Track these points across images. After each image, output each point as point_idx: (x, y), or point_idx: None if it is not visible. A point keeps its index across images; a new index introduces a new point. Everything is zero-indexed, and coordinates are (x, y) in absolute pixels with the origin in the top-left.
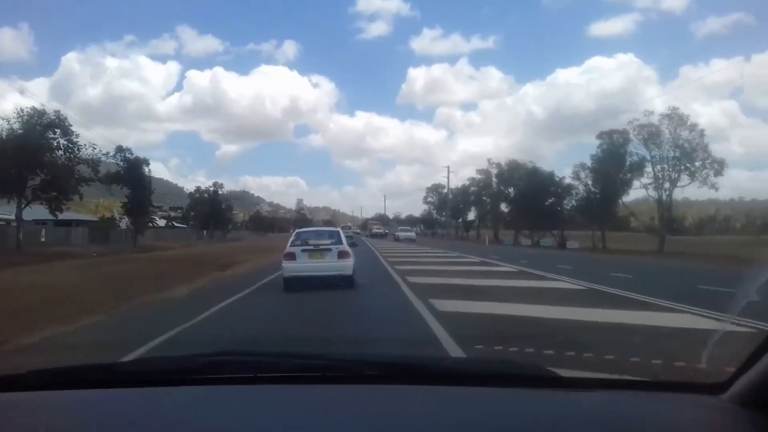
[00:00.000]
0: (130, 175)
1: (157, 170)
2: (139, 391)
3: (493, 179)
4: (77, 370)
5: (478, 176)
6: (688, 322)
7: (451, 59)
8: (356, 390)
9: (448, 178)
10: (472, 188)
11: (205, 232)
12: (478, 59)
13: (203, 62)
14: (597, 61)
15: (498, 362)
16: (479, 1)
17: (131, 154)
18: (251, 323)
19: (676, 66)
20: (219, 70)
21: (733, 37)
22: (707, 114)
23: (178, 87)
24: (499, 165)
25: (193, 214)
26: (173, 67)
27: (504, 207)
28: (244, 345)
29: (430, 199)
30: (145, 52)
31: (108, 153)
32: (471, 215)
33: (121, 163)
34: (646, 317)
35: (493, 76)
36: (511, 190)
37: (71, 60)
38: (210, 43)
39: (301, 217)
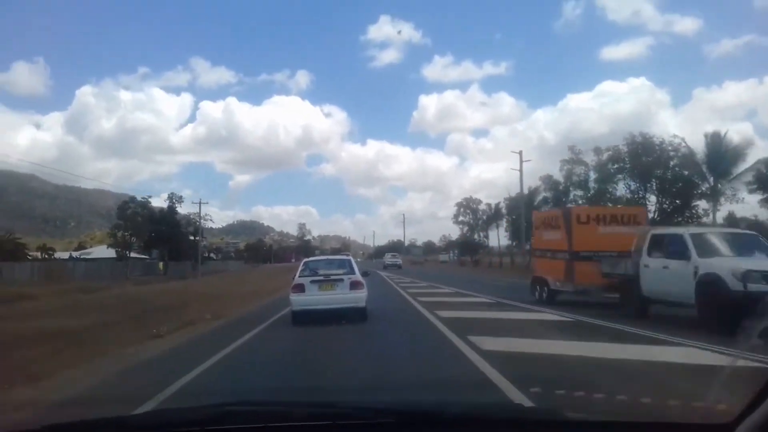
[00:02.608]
0: None
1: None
2: None
3: (591, 174)
4: (91, 424)
5: (560, 172)
6: None
7: (463, 86)
8: None
9: (521, 171)
10: (543, 193)
11: (161, 264)
12: (489, 85)
13: (216, 93)
14: (609, 85)
15: (511, 407)
16: (491, 27)
17: None
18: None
19: (689, 89)
20: (232, 101)
21: (746, 59)
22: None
23: (192, 118)
24: (598, 150)
25: (123, 235)
26: (186, 98)
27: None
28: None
29: (462, 218)
30: (158, 84)
31: None
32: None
33: None
34: None
35: (505, 101)
36: (633, 185)
37: (86, 93)
38: (223, 75)
39: (304, 245)
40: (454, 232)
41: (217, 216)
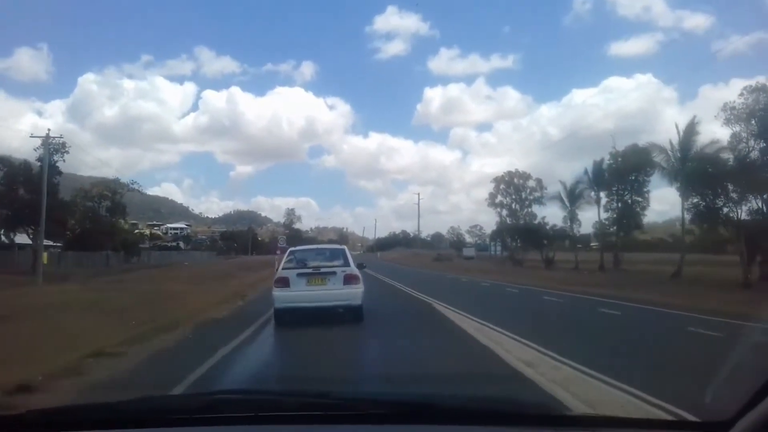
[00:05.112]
0: None
1: (168, 191)
2: None
3: None
4: (77, 409)
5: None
6: None
7: (468, 79)
8: (361, 430)
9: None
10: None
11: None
12: (495, 79)
13: (220, 83)
14: (615, 81)
15: (507, 401)
16: (500, 20)
17: None
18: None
19: (695, 86)
20: (236, 91)
21: (756, 57)
22: (727, 134)
23: (194, 107)
24: None
25: None
26: (189, 87)
27: None
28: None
29: (501, 198)
30: (161, 72)
31: None
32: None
33: None
34: None
35: (510, 96)
36: None
37: (88, 81)
38: (227, 64)
39: (293, 233)
40: (465, 224)
41: (216, 206)
